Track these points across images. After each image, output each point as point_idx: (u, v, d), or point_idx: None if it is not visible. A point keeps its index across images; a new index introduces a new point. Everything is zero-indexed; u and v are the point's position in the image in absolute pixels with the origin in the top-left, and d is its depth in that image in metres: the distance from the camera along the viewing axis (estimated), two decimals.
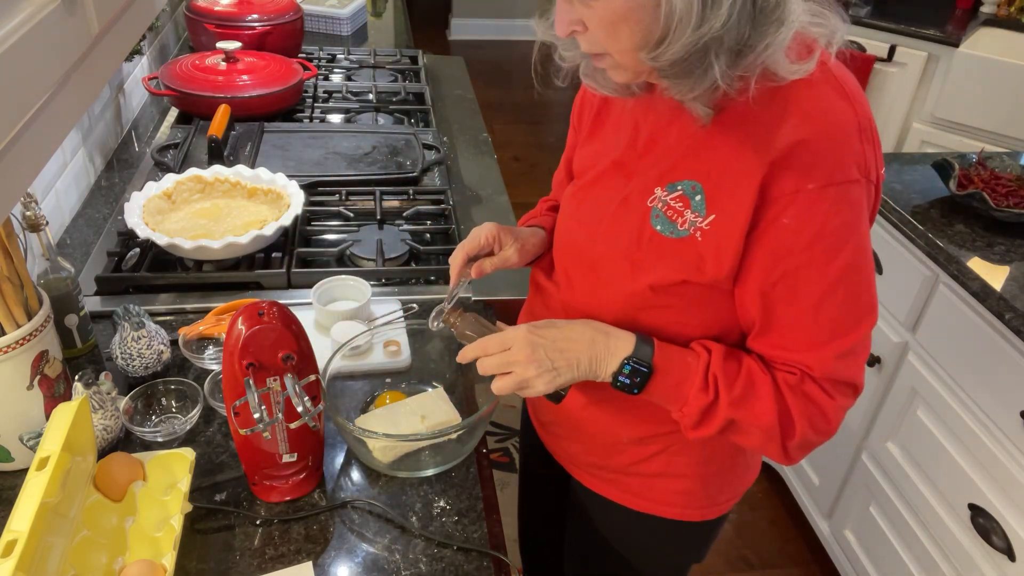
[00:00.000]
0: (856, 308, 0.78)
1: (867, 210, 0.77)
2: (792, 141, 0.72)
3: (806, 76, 0.73)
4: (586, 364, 0.83)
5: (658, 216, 0.81)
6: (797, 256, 0.75)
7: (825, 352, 0.79)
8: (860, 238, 0.76)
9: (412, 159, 1.68)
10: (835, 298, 0.77)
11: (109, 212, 1.50)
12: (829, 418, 0.81)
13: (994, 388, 1.38)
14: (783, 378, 0.81)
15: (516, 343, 0.83)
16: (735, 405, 0.80)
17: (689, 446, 0.94)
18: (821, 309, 0.77)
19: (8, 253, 0.90)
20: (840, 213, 0.74)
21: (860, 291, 0.78)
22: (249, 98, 1.78)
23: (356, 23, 2.56)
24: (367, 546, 0.91)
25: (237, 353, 0.84)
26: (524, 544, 1.46)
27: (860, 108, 0.75)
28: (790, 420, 0.81)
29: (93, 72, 0.68)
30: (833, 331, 0.78)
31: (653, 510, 1.00)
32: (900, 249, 1.61)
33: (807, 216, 0.74)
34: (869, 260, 0.79)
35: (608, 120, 0.92)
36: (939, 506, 1.52)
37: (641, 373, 0.82)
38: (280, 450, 0.92)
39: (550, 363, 0.83)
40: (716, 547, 2.05)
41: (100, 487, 0.88)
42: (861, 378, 0.82)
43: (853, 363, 0.80)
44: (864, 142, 0.74)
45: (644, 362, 0.82)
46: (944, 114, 2.76)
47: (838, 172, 0.72)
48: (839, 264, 0.75)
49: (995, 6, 2.93)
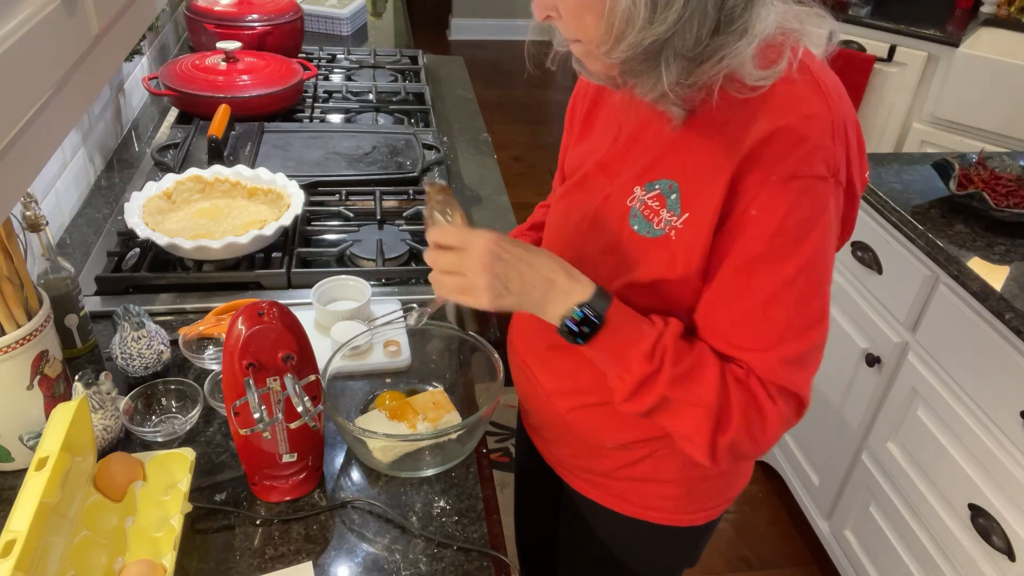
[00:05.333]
0: (808, 312, 0.76)
1: (835, 213, 0.75)
2: (762, 136, 0.72)
3: (784, 75, 0.72)
4: (539, 295, 0.79)
5: (636, 216, 0.82)
6: (755, 247, 0.74)
7: (772, 354, 0.77)
8: (821, 239, 0.74)
9: (412, 159, 1.68)
10: (788, 297, 0.75)
11: (109, 212, 1.50)
12: (767, 424, 0.78)
13: (994, 388, 1.38)
14: (732, 370, 0.79)
15: (477, 247, 0.78)
16: (676, 383, 0.77)
17: (674, 452, 0.93)
18: (772, 306, 0.75)
19: (8, 253, 0.90)
20: (803, 208, 0.72)
21: (813, 295, 0.76)
22: (249, 98, 1.78)
23: (356, 23, 2.56)
24: (367, 546, 0.91)
25: (237, 353, 0.84)
26: (520, 547, 1.46)
27: (837, 107, 0.73)
28: (728, 413, 0.77)
29: (93, 72, 0.68)
30: (783, 333, 0.76)
31: (641, 515, 0.99)
32: (900, 249, 1.61)
33: (770, 208, 0.73)
34: (828, 265, 0.76)
35: (597, 121, 0.92)
36: (939, 506, 1.52)
37: (591, 323, 0.78)
38: (280, 450, 0.92)
39: (503, 279, 0.78)
40: (716, 547, 2.05)
41: (100, 487, 0.88)
42: (807, 392, 0.79)
43: (800, 373, 0.78)
44: (836, 141, 0.72)
45: (597, 313, 0.78)
46: (944, 114, 2.75)
47: (804, 166, 0.72)
48: (796, 262, 0.74)
49: (995, 6, 2.93)
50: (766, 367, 0.77)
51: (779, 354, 0.77)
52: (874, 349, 1.71)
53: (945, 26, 2.81)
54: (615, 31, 0.69)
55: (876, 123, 2.99)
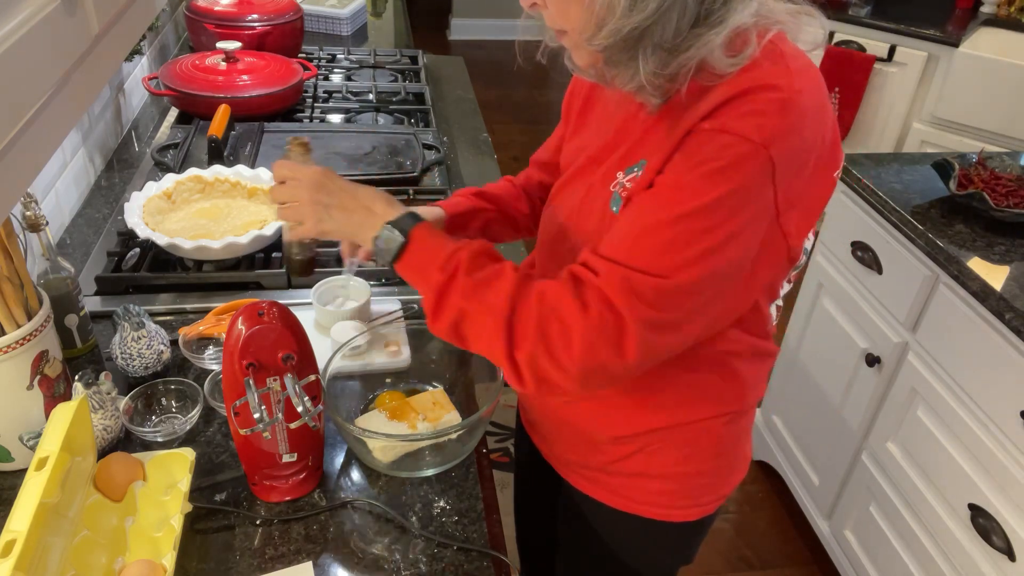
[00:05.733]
0: (677, 257, 0.72)
1: (756, 184, 0.71)
2: (717, 102, 0.72)
3: (752, 59, 0.72)
4: (358, 219, 0.84)
5: (615, 200, 0.82)
6: (663, 180, 0.74)
7: (620, 269, 0.73)
8: (730, 200, 0.71)
9: (412, 159, 1.68)
10: (665, 233, 0.72)
11: (109, 212, 1.50)
12: (571, 343, 0.73)
13: (994, 388, 1.38)
14: (538, 284, 0.77)
15: (305, 177, 0.86)
16: (469, 293, 0.77)
17: (667, 446, 0.94)
18: (647, 235, 0.73)
19: (8, 253, 0.90)
20: (719, 160, 0.70)
21: (693, 246, 0.72)
22: (249, 98, 1.78)
23: (356, 23, 2.56)
24: (367, 546, 0.91)
25: (237, 353, 0.84)
26: (520, 546, 1.46)
27: (798, 86, 0.72)
28: (523, 325, 0.75)
29: (93, 72, 0.68)
30: (641, 260, 0.73)
31: (636, 510, 1.00)
32: (900, 249, 1.61)
33: (690, 149, 0.73)
34: (727, 228, 0.72)
35: (591, 117, 0.94)
36: (939, 506, 1.52)
37: (396, 240, 0.81)
38: (280, 450, 0.92)
39: (325, 205, 0.85)
40: (716, 547, 2.05)
41: (100, 487, 0.88)
42: (635, 334, 0.72)
43: (639, 307, 0.72)
44: (785, 117, 0.71)
45: (402, 229, 0.81)
46: (944, 114, 2.76)
47: (736, 123, 0.70)
48: (690, 206, 0.71)
49: (995, 6, 2.93)
50: (608, 276, 0.74)
51: (626, 274, 0.73)
52: (874, 349, 1.71)
53: (945, 26, 2.81)
54: (596, 18, 0.71)
55: (876, 123, 2.99)
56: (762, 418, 2.25)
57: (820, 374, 1.93)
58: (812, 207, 0.80)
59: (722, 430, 0.95)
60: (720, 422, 0.94)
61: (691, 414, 0.92)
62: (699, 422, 0.93)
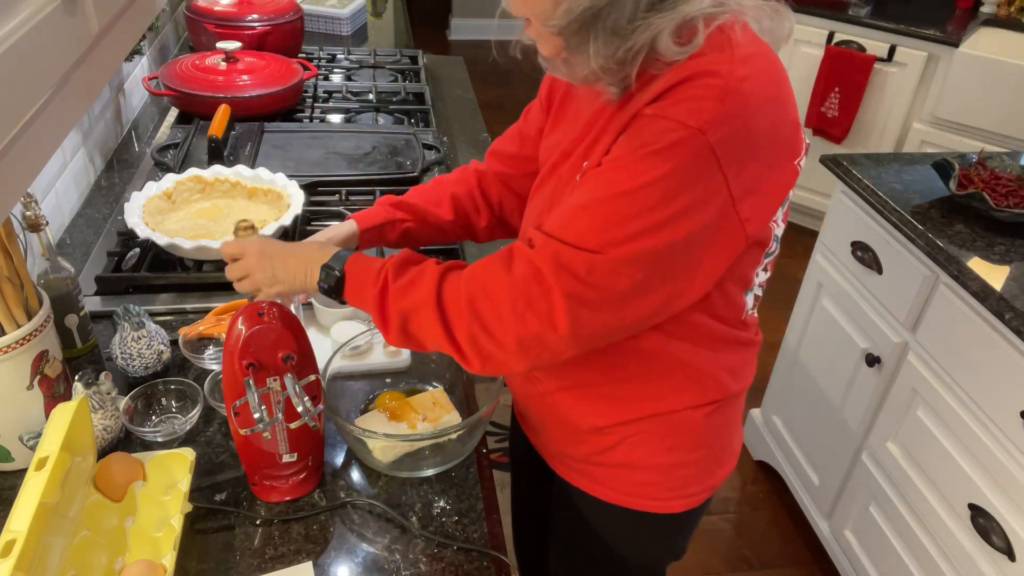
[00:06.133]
0: (607, 235, 0.73)
1: (695, 169, 0.72)
2: (662, 87, 0.74)
3: (700, 48, 0.74)
4: (301, 274, 0.90)
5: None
6: (608, 159, 0.76)
7: (553, 242, 0.75)
8: (667, 183, 0.72)
9: (412, 159, 1.68)
10: (599, 210, 0.74)
11: (109, 212, 1.50)
12: (501, 312, 0.76)
13: (994, 388, 1.38)
14: (481, 260, 0.80)
15: (249, 251, 0.94)
16: (401, 294, 0.82)
17: (648, 437, 0.95)
18: (584, 211, 0.75)
19: (8, 253, 0.90)
20: (658, 143, 0.72)
21: (626, 227, 0.73)
22: (249, 98, 1.78)
23: (356, 23, 2.56)
24: (367, 546, 0.91)
25: (237, 353, 0.84)
26: (516, 542, 1.46)
27: (737, 73, 0.72)
28: (454, 305, 0.79)
29: (93, 72, 0.68)
30: (573, 234, 0.74)
31: (621, 501, 1.00)
32: (900, 249, 1.61)
33: (632, 133, 0.75)
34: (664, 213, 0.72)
35: (566, 113, 0.95)
36: (939, 506, 1.52)
37: (334, 277, 0.88)
38: (280, 450, 0.92)
39: (271, 271, 0.92)
40: (716, 547, 2.05)
41: (100, 487, 0.88)
42: (559, 300, 0.74)
43: (564, 278, 0.74)
44: (726, 103, 0.71)
45: (336, 267, 0.88)
46: (944, 114, 2.76)
47: (674, 109, 0.72)
48: (626, 185, 0.73)
49: (995, 6, 2.93)
50: (540, 248, 0.76)
51: (559, 247, 0.75)
52: (874, 349, 1.71)
53: (945, 26, 2.81)
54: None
55: (876, 123, 2.99)
56: (762, 418, 2.25)
57: (820, 374, 1.93)
58: (772, 195, 0.79)
59: (703, 421, 0.95)
60: (701, 413, 0.94)
61: (669, 404, 0.93)
62: (678, 412, 0.93)
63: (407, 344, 0.85)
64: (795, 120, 0.79)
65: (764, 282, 0.92)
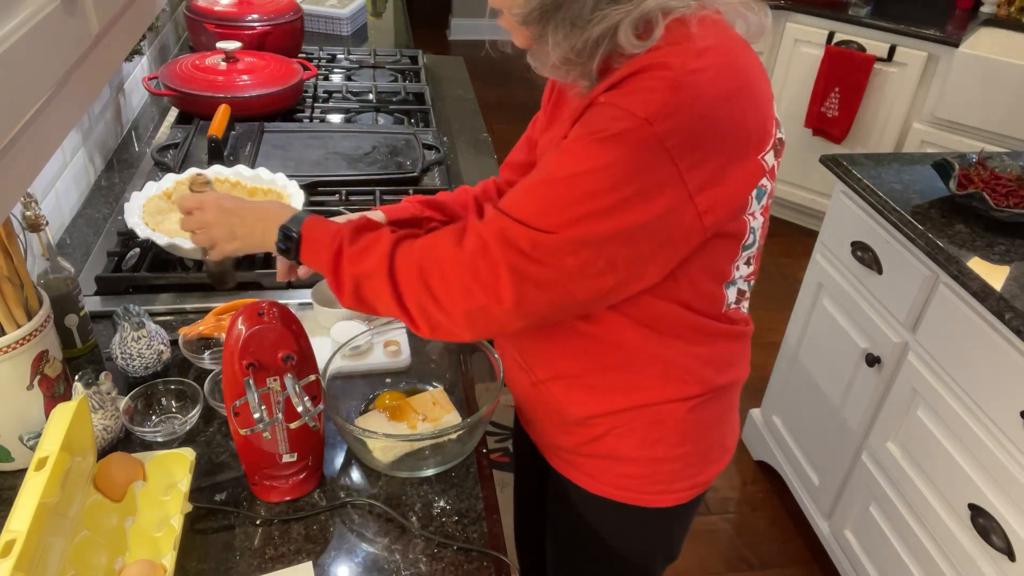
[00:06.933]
0: (554, 215, 0.75)
1: (640, 159, 0.73)
2: (617, 78, 0.76)
3: (658, 41, 0.75)
4: (260, 231, 0.92)
5: None
6: (563, 143, 0.78)
7: (501, 219, 0.78)
8: (615, 170, 0.73)
9: (412, 159, 1.68)
10: (546, 190, 0.76)
11: (109, 212, 1.50)
12: (448, 281, 0.78)
13: (994, 388, 1.38)
14: (435, 232, 0.83)
15: (208, 205, 0.95)
16: (355, 260, 0.84)
17: (633, 430, 0.95)
18: (534, 190, 0.78)
19: (8, 253, 0.90)
20: (607, 130, 0.74)
21: (571, 209, 0.74)
22: (249, 98, 1.78)
23: (356, 23, 2.56)
24: (367, 546, 0.91)
25: (237, 353, 0.84)
26: (518, 540, 1.46)
27: (689, 66, 0.73)
28: (404, 272, 0.81)
29: (93, 72, 0.68)
30: (526, 214, 0.76)
31: (608, 493, 1.01)
32: (900, 249, 1.61)
33: (585, 121, 0.77)
34: (614, 201, 0.74)
35: (561, 110, 0.96)
36: (939, 506, 1.52)
37: (292, 239, 0.89)
38: (280, 450, 0.92)
39: (230, 226, 0.94)
40: (716, 547, 2.05)
41: (100, 487, 0.88)
42: (504, 274, 0.76)
43: (509, 253, 0.76)
44: (669, 94, 0.72)
45: (295, 227, 0.89)
46: (944, 114, 2.76)
47: (625, 99, 0.73)
48: (573, 168, 0.75)
49: (995, 6, 2.93)
50: (490, 223, 0.79)
51: (507, 223, 0.77)
52: (874, 349, 1.71)
53: (945, 26, 2.81)
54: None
55: (876, 123, 2.99)
56: (762, 418, 2.25)
57: (820, 374, 1.93)
58: (735, 188, 0.78)
59: (687, 415, 0.94)
60: (684, 407, 0.94)
61: (650, 395, 0.93)
62: (660, 404, 0.93)
63: (361, 308, 0.87)
64: (764, 114, 0.78)
65: (748, 276, 0.91)
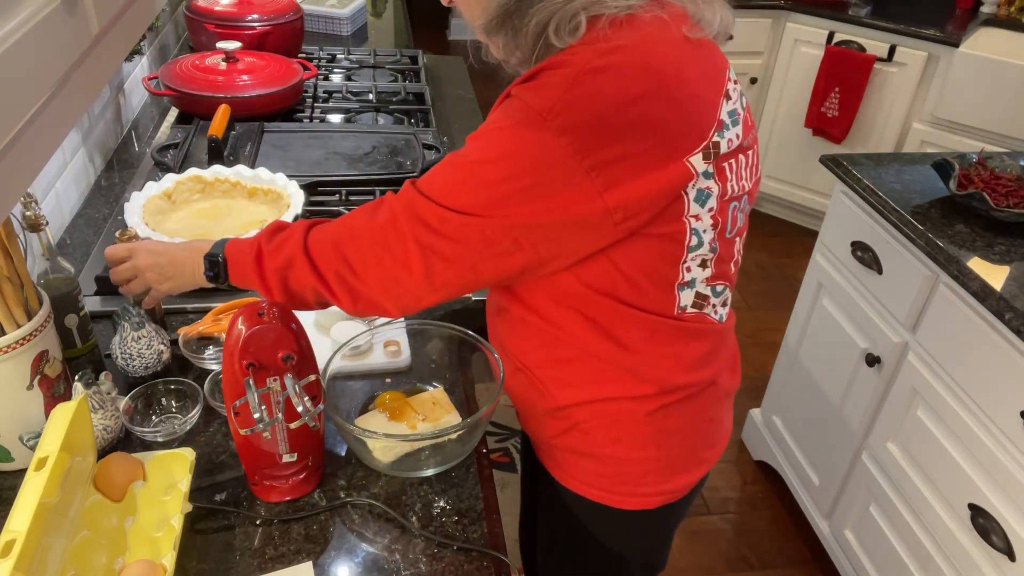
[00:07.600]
0: (455, 196, 0.79)
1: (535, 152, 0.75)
2: (529, 73, 0.79)
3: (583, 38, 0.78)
4: (189, 269, 0.98)
5: None
6: (479, 128, 0.82)
7: (412, 194, 0.82)
8: (514, 159, 0.76)
9: (412, 159, 1.68)
10: (458, 173, 0.80)
11: (109, 212, 1.50)
12: (361, 251, 0.84)
13: (994, 388, 1.38)
14: (353, 210, 0.88)
15: (137, 252, 1.02)
16: (274, 255, 0.89)
17: (596, 426, 0.95)
18: (444, 170, 0.82)
19: (8, 253, 0.90)
20: (506, 119, 0.77)
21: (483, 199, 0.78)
22: (249, 98, 1.78)
23: (356, 23, 2.56)
24: (367, 546, 0.91)
25: (237, 353, 0.84)
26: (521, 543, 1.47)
27: (591, 64, 0.74)
28: (319, 254, 0.86)
29: (93, 72, 0.68)
30: (435, 192, 0.80)
31: (578, 488, 1.01)
32: (900, 249, 1.61)
33: (496, 108, 0.82)
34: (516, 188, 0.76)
35: None
36: (939, 506, 1.52)
37: (217, 264, 0.95)
38: (280, 450, 0.92)
39: (160, 268, 1.00)
40: (716, 547, 2.05)
41: (100, 487, 0.88)
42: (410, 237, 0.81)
43: (415, 226, 0.81)
44: (565, 90, 0.74)
45: (217, 253, 0.95)
46: (944, 114, 2.76)
47: (525, 93, 0.77)
48: (481, 156, 0.79)
49: (995, 6, 2.93)
50: (401, 197, 0.83)
51: (416, 198, 0.81)
52: (874, 349, 1.71)
53: (945, 26, 2.81)
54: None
55: (876, 123, 2.99)
56: (762, 418, 2.25)
57: (820, 374, 1.93)
58: (651, 190, 0.76)
59: (646, 419, 0.93)
60: (642, 408, 0.93)
61: (605, 390, 0.92)
62: (617, 400, 0.93)
63: (293, 304, 0.91)
64: (694, 117, 0.78)
65: (709, 279, 0.87)
